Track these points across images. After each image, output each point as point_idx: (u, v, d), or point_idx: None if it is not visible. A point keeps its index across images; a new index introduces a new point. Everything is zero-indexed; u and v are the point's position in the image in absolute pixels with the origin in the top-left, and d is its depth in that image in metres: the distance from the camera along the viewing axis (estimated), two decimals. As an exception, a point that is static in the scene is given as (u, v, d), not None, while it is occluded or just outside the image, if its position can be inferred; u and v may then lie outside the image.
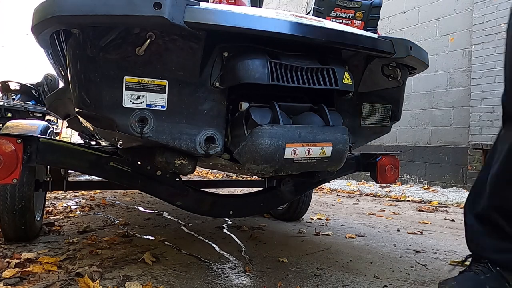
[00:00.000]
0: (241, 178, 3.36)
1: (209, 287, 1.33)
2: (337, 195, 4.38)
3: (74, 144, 1.64)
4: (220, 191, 3.21)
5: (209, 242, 1.92)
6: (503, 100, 1.24)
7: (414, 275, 1.50)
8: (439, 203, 3.71)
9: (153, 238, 1.98)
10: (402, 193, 4.21)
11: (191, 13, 1.00)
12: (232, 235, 2.09)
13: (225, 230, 2.22)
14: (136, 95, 1.10)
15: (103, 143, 2.69)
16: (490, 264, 1.25)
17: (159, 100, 1.12)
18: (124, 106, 1.09)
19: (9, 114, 5.33)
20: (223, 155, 1.25)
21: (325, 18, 1.43)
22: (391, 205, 3.61)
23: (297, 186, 1.74)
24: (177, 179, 1.50)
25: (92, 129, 1.41)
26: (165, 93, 1.13)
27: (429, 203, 3.76)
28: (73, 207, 2.93)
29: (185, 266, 1.54)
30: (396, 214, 3.07)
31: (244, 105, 1.18)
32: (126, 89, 1.09)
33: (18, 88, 6.14)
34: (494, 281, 1.22)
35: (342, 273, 1.50)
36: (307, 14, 1.48)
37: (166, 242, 1.89)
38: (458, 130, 4.37)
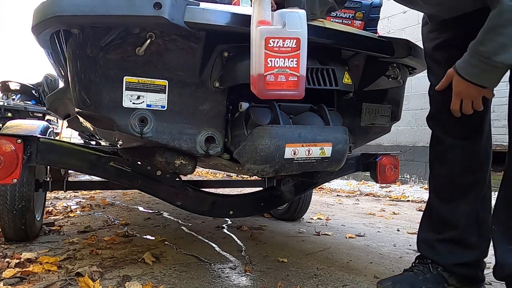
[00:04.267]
0: (241, 178, 3.35)
1: (209, 287, 1.33)
2: (337, 195, 4.38)
3: (74, 144, 1.65)
4: (220, 191, 3.21)
5: (209, 242, 1.92)
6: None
7: (414, 275, 1.50)
8: (439, 203, 3.70)
9: (153, 238, 1.98)
10: (402, 193, 4.21)
11: (191, 13, 1.00)
12: (232, 235, 2.09)
13: (225, 230, 2.22)
14: (136, 95, 1.10)
15: (103, 143, 2.69)
16: (431, 264, 1.23)
17: (159, 100, 1.13)
18: (124, 106, 1.09)
19: (9, 114, 5.33)
20: (223, 155, 1.25)
21: (325, 18, 1.43)
22: (391, 205, 3.61)
23: (297, 186, 1.74)
24: (177, 179, 1.50)
25: (92, 129, 1.41)
26: (165, 93, 1.13)
27: (429, 203, 3.75)
28: (73, 207, 2.93)
29: (185, 266, 1.54)
30: (396, 214, 3.07)
31: (244, 105, 1.18)
32: (126, 89, 1.09)
33: (18, 88, 6.14)
34: (432, 283, 1.20)
35: (342, 273, 1.50)
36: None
37: (166, 242, 1.89)
38: (458, 130, 4.36)
